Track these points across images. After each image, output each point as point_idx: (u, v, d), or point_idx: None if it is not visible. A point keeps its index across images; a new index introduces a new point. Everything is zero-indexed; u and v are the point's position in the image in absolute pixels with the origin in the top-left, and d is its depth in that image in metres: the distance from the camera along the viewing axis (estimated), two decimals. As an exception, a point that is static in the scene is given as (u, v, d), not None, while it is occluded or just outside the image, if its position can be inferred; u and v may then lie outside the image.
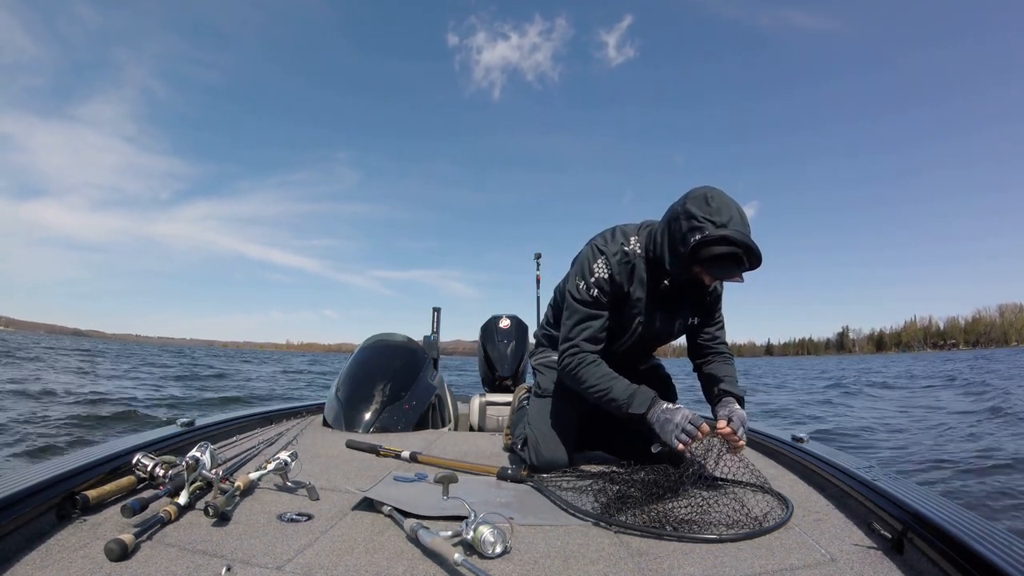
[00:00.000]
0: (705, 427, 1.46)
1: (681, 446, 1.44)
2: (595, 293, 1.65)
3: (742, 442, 1.50)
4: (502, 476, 1.63)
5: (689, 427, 1.44)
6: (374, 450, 1.93)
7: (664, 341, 1.82)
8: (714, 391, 1.71)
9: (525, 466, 1.68)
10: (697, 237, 1.42)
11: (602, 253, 1.66)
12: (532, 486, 1.54)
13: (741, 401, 1.65)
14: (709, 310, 1.79)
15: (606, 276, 1.64)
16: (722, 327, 1.84)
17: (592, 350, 1.67)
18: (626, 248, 1.65)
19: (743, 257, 1.43)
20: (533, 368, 2.02)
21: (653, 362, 2.02)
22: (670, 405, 1.53)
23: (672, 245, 1.52)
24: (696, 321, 1.78)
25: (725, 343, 1.83)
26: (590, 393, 1.64)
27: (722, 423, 1.51)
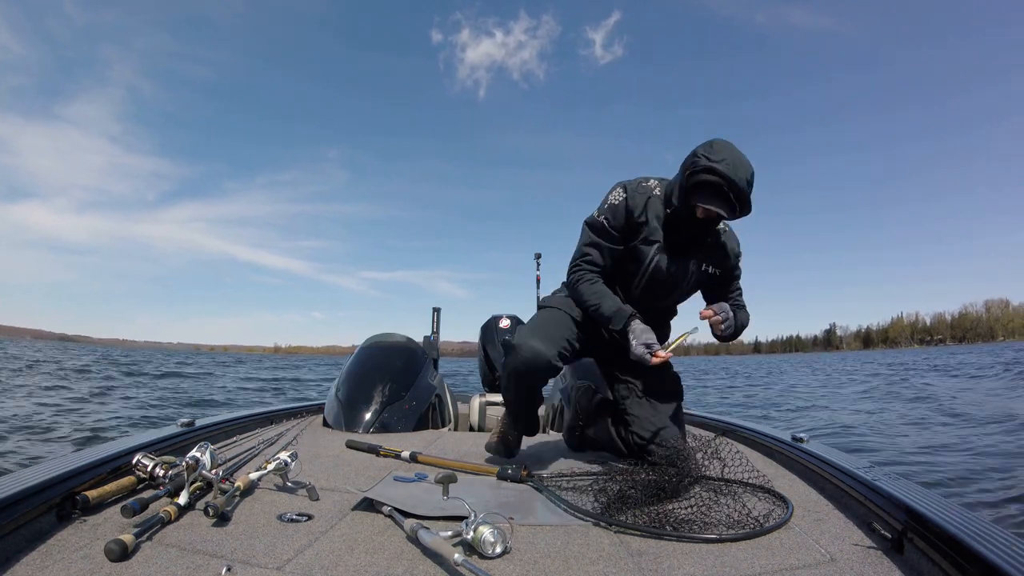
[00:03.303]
0: (661, 353, 1.66)
1: (642, 355, 1.65)
2: (606, 219, 1.77)
3: (723, 324, 1.74)
4: (502, 476, 1.63)
5: (647, 339, 1.66)
6: (374, 450, 1.93)
7: (679, 288, 1.86)
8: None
9: (525, 466, 1.67)
10: (691, 168, 1.61)
11: (621, 185, 1.80)
12: (532, 486, 1.54)
13: (737, 312, 1.84)
14: (725, 266, 1.87)
15: (619, 202, 1.76)
16: (741, 293, 1.95)
17: (593, 270, 1.81)
18: (644, 184, 1.80)
19: (727, 191, 1.58)
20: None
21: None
22: (644, 325, 1.70)
23: (678, 180, 1.70)
24: (710, 270, 1.85)
25: (742, 301, 1.94)
26: (585, 306, 1.79)
27: (707, 311, 1.73)
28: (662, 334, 1.94)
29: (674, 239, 1.76)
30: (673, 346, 1.75)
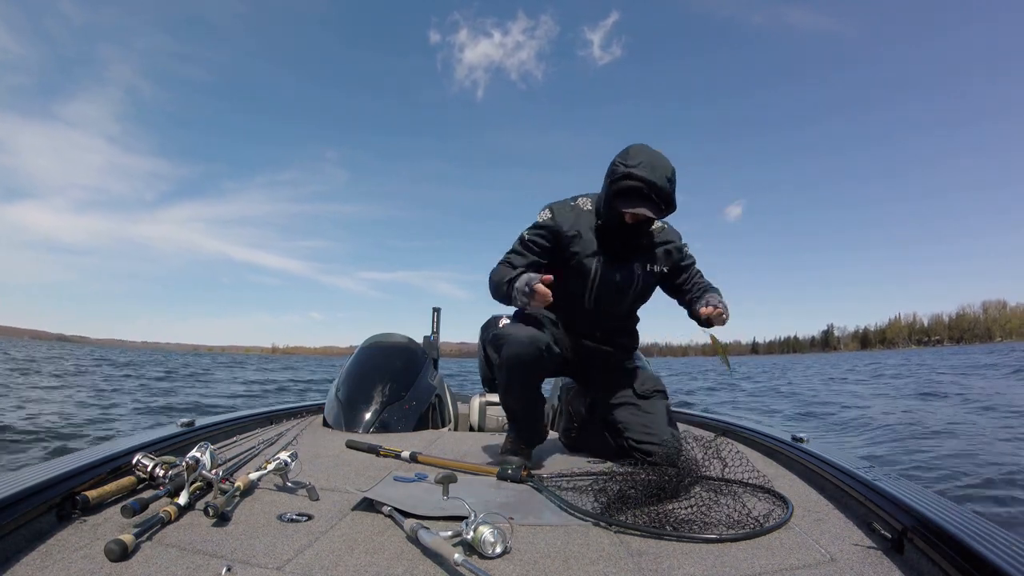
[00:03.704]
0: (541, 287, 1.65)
1: (523, 287, 1.66)
2: (533, 237, 1.83)
3: (724, 314, 1.76)
4: (502, 476, 1.63)
5: (527, 288, 1.66)
6: (374, 450, 1.93)
7: (629, 293, 1.89)
8: (696, 300, 1.89)
9: (525, 466, 1.67)
10: (612, 176, 1.70)
11: (548, 206, 1.87)
12: (532, 486, 1.54)
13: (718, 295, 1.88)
14: (670, 262, 1.92)
15: (545, 220, 1.84)
16: (702, 275, 1.98)
17: (512, 267, 1.82)
18: (572, 203, 1.87)
19: (648, 193, 1.66)
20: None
21: (634, 359, 2.06)
22: (534, 274, 1.70)
23: (604, 191, 1.76)
24: (656, 269, 1.90)
25: (706, 282, 1.97)
26: (497, 286, 1.79)
27: (706, 309, 1.75)
28: (630, 342, 2.01)
29: (611, 247, 1.82)
30: (722, 355, 1.87)
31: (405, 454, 1.86)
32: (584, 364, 1.98)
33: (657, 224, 1.89)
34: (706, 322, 1.79)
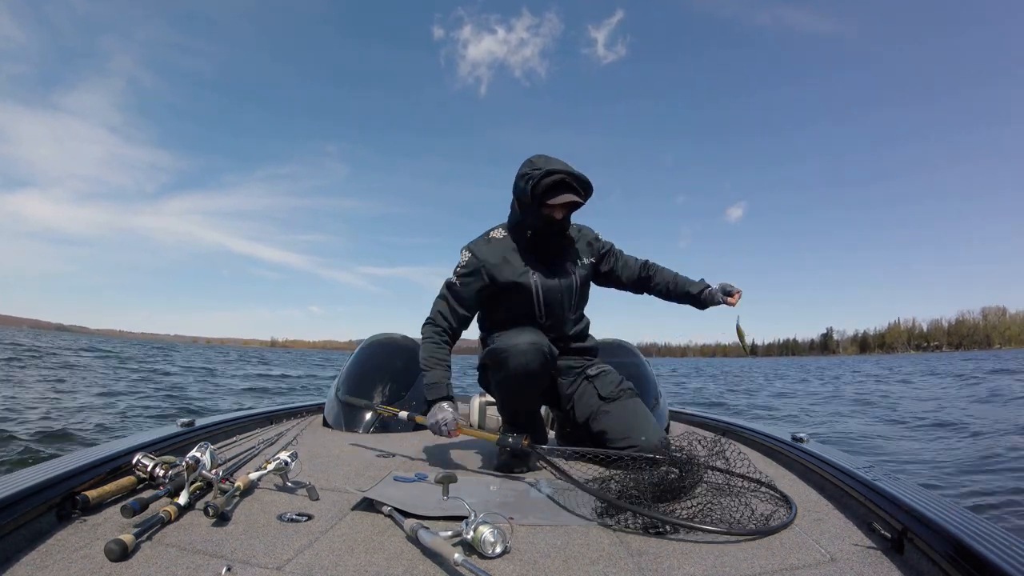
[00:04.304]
0: (456, 433, 1.75)
1: (433, 427, 1.75)
2: (460, 282, 1.86)
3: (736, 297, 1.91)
4: (502, 443, 1.67)
5: (443, 429, 1.73)
6: (371, 408, 2.04)
7: (574, 296, 1.93)
8: (682, 291, 2.00)
9: (526, 436, 1.69)
10: (531, 181, 1.74)
11: (466, 247, 1.90)
12: (531, 448, 1.61)
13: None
14: (595, 250, 2.02)
15: (467, 260, 1.87)
16: (635, 259, 2.08)
17: (437, 330, 1.89)
18: (486, 236, 1.92)
19: (569, 181, 1.74)
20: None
21: (596, 361, 2.04)
22: (448, 407, 1.76)
23: (520, 204, 1.82)
24: (586, 261, 1.98)
25: (647, 260, 2.09)
26: (421, 364, 1.86)
27: (732, 299, 1.90)
28: (587, 346, 2.02)
29: (542, 259, 1.88)
30: (741, 338, 2.01)
31: (403, 414, 2.01)
32: (552, 383, 1.96)
33: (572, 227, 1.98)
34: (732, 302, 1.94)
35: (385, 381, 2.62)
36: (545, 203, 1.74)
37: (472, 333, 2.04)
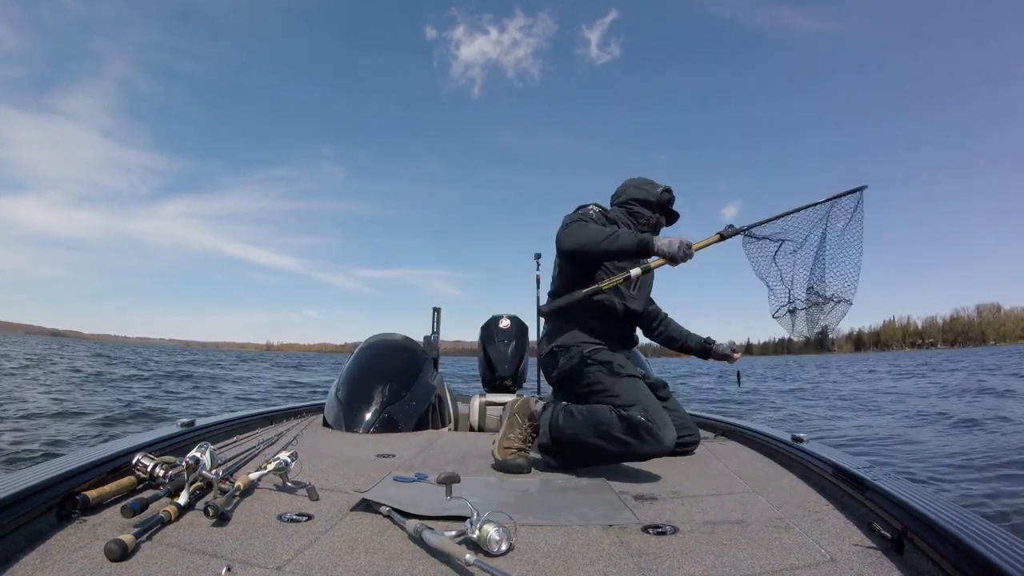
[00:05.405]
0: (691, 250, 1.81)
1: (685, 253, 1.75)
2: (594, 213, 1.98)
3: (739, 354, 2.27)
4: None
5: (684, 246, 1.75)
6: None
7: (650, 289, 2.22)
8: (691, 341, 2.36)
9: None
10: (659, 189, 2.09)
11: (592, 204, 2.04)
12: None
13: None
14: None
15: (597, 211, 2.00)
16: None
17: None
18: (597, 207, 2.06)
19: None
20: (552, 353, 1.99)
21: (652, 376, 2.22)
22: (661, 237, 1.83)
23: (643, 201, 2.07)
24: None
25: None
26: (599, 242, 1.76)
27: (738, 355, 2.27)
28: (637, 337, 2.25)
29: None
30: (739, 380, 2.57)
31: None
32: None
33: None
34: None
35: (385, 381, 2.62)
36: (663, 208, 2.10)
37: (471, 334, 2.06)
